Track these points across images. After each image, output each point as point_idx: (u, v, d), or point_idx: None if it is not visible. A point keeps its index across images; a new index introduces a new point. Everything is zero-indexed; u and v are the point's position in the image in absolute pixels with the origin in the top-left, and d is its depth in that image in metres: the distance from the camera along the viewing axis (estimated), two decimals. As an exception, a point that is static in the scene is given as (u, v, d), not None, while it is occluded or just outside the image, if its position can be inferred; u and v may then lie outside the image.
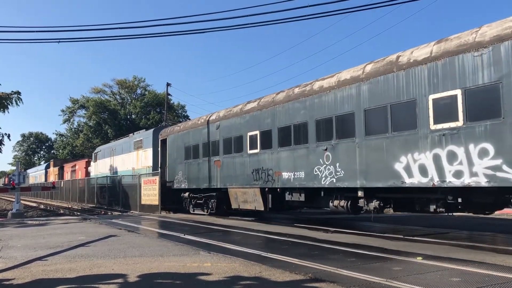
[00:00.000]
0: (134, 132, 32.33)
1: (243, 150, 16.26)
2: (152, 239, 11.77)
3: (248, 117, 16.14)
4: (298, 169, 13.39)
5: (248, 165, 15.97)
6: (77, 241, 11.30)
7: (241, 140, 16.42)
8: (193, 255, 8.73)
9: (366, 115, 11.19)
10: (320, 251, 9.18)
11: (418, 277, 6.42)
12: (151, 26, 25.51)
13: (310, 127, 13.01)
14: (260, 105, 15.67)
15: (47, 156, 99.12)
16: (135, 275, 6.89)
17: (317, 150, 12.68)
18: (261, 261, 7.88)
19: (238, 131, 16.66)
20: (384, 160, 10.63)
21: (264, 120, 15.20)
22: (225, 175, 17.40)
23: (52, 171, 56.92)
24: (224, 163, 17.54)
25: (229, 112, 17.59)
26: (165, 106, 47.94)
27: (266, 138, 14.99)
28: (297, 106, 13.62)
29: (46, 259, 8.52)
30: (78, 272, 7.20)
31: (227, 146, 17.40)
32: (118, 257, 8.63)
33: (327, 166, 12.32)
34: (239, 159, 16.52)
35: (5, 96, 22.72)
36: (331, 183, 12.19)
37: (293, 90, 14.17)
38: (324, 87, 12.65)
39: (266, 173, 14.88)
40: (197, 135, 19.80)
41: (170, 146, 22.32)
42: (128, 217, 20.70)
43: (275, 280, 6.35)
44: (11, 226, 16.13)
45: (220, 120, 18.03)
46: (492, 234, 11.55)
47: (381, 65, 10.99)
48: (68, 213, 27.53)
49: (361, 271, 6.88)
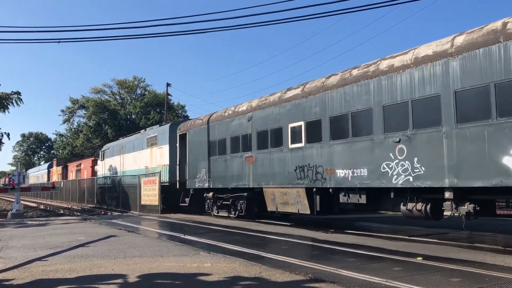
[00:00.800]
0: (146, 128, 29.64)
1: (283, 144, 14.30)
2: (152, 239, 11.77)
3: (290, 106, 14.15)
4: (359, 165, 11.43)
5: (289, 162, 14.01)
6: (77, 241, 11.29)
7: (280, 133, 14.49)
8: (193, 255, 8.73)
9: (458, 97, 9.18)
10: (320, 251, 9.18)
11: (418, 277, 6.42)
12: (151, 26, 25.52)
13: (375, 114, 11.00)
14: (305, 91, 13.66)
15: (47, 156, 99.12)
16: (135, 275, 6.88)
17: (386, 142, 10.68)
18: (261, 261, 7.88)
19: (276, 122, 14.70)
20: (485, 152, 8.63)
21: (310, 109, 13.21)
22: (260, 173, 15.48)
23: (55, 170, 55.36)
24: (257, 159, 15.60)
25: (264, 101, 15.68)
26: (165, 106, 47.97)
27: (314, 129, 13.04)
28: (357, 91, 11.62)
29: (46, 259, 8.51)
30: (78, 272, 7.19)
31: (261, 140, 15.47)
32: (118, 257, 8.62)
33: (400, 162, 10.32)
34: (277, 155, 14.56)
35: (5, 96, 22.73)
36: (405, 182, 10.18)
37: (350, 73, 12.14)
38: (396, 66, 10.66)
39: (314, 170, 12.93)
40: (223, 129, 17.85)
41: (191, 142, 20.41)
42: (128, 217, 20.70)
43: (275, 281, 6.34)
44: (11, 226, 16.12)
45: (253, 111, 16.06)
46: (492, 234, 11.55)
47: (479, 35, 9.02)
48: (68, 213, 27.53)
49: (361, 271, 6.88)
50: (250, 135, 16.08)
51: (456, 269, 7.01)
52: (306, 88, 13.76)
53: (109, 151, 33.75)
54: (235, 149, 16.98)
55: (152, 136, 25.91)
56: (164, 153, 23.97)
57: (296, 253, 8.88)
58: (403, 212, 10.72)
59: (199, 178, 19.35)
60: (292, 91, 14.47)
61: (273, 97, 15.36)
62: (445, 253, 8.47)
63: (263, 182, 15.34)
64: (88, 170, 41.30)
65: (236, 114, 17.17)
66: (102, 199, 30.89)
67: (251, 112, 16.22)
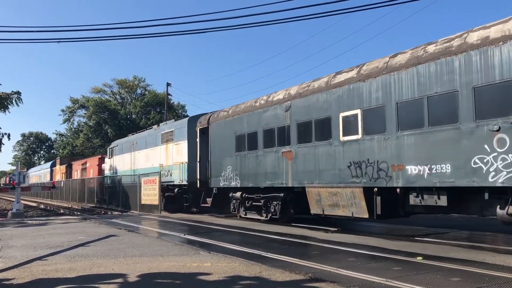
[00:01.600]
0: (160, 123, 27.44)
1: (332, 136, 12.46)
2: (152, 239, 11.77)
3: (341, 92, 12.29)
4: (439, 160, 9.62)
5: (340, 157, 12.19)
6: (77, 240, 11.29)
7: (328, 124, 12.63)
8: (193, 255, 8.73)
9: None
10: (320, 251, 9.17)
11: (418, 277, 6.42)
12: (151, 26, 25.61)
13: (462, 98, 9.19)
14: (362, 74, 11.78)
15: (47, 156, 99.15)
16: (135, 275, 6.88)
17: (479, 131, 8.89)
18: (261, 261, 7.87)
19: (323, 111, 12.85)
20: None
21: (370, 94, 11.41)
22: (301, 171, 13.62)
23: (58, 169, 53.14)
24: (298, 154, 13.74)
25: (306, 88, 13.82)
26: (165, 106, 48.03)
27: (374, 118, 11.26)
28: (435, 70, 9.80)
29: (46, 259, 8.52)
30: (78, 272, 7.20)
31: (303, 132, 13.61)
32: (118, 257, 8.62)
33: (499, 155, 8.51)
34: (324, 149, 12.73)
35: (5, 96, 22.74)
36: (509, 180, 8.36)
37: (423, 49, 10.36)
38: (492, 38, 8.80)
39: (375, 167, 11.15)
40: (254, 121, 15.95)
41: (214, 136, 18.49)
42: (128, 217, 20.70)
43: (275, 280, 6.34)
44: (11, 226, 16.13)
45: (292, 99, 14.19)
46: (492, 234, 11.54)
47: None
48: (68, 213, 27.53)
49: (361, 271, 6.88)
50: (288, 127, 14.21)
51: (456, 268, 7.00)
52: (364, 70, 11.84)
53: (118, 148, 31.43)
54: (269, 143, 15.13)
55: (168, 132, 23.73)
56: (182, 149, 21.84)
57: (296, 252, 8.87)
58: (502, 217, 9.00)
59: (224, 176, 17.53)
60: (343, 75, 12.53)
61: (317, 83, 13.45)
62: (445, 253, 8.47)
63: (306, 181, 13.46)
64: (95, 168, 39.58)
65: (270, 103, 15.20)
66: (109, 199, 30.19)
67: (289, 101, 14.29)
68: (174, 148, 22.70)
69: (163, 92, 56.04)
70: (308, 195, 13.50)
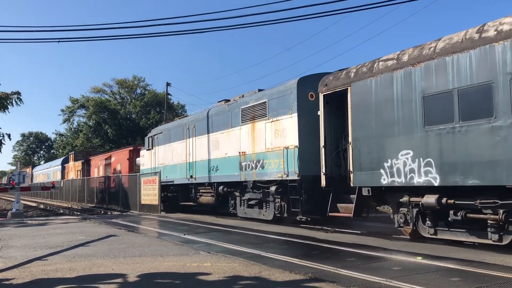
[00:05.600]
0: (237, 96, 18.47)
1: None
2: (152, 239, 11.77)
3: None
4: None
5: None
6: (77, 240, 11.29)
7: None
8: (193, 255, 8.73)
9: None
10: (320, 251, 9.18)
11: (418, 277, 6.42)
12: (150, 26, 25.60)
13: None
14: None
15: (47, 156, 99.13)
16: (135, 275, 6.89)
17: None
18: (261, 260, 7.88)
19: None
20: None
21: None
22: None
23: (72, 166, 45.21)
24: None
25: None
26: (165, 105, 47.99)
27: None
28: None
29: (46, 259, 8.52)
30: (78, 272, 7.20)
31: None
32: (118, 256, 8.62)
33: None
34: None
35: (5, 96, 22.71)
36: None
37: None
38: None
39: None
40: (481, 66, 8.47)
41: (358, 104, 11.29)
42: (128, 216, 20.70)
43: (275, 280, 6.35)
44: (11, 226, 16.12)
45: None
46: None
47: None
48: (68, 212, 27.55)
49: (361, 270, 6.88)
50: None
51: (456, 268, 7.01)
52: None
53: (163, 136, 23.90)
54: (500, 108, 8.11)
55: (255, 105, 16.36)
56: (286, 128, 14.70)
57: (296, 252, 8.88)
58: None
59: (392, 168, 10.27)
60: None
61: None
62: (445, 253, 8.47)
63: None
64: (124, 163, 32.14)
65: (502, 37, 8.16)
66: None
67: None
68: (269, 127, 15.64)
69: (162, 92, 55.96)
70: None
